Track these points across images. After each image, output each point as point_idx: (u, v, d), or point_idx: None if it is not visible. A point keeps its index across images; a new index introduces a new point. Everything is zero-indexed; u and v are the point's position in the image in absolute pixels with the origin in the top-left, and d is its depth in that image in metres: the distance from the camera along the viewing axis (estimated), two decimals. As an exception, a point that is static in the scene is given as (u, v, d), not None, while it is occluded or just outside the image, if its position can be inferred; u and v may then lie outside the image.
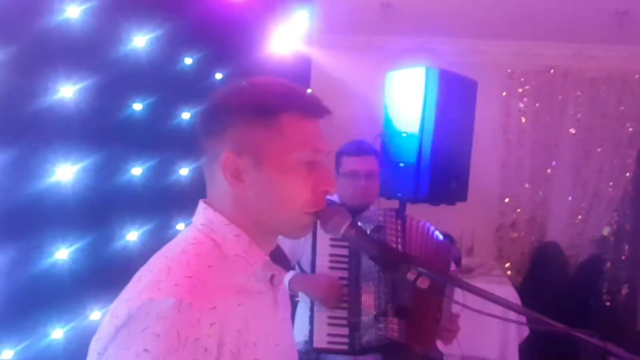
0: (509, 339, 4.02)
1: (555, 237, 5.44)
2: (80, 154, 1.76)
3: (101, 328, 1.07)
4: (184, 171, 2.31)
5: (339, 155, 2.65)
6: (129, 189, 2.05)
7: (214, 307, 1.04)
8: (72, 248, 1.72)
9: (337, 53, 4.67)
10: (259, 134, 1.14)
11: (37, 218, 1.66)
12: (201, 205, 1.22)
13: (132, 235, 2.03)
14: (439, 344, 2.41)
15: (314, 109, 1.18)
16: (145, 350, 0.96)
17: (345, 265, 2.36)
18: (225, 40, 2.65)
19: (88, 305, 1.74)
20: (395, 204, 3.10)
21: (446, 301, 2.33)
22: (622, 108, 5.27)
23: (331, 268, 2.37)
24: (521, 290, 4.99)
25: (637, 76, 5.25)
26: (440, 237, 2.51)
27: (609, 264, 5.55)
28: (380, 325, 2.23)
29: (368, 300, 2.27)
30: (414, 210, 3.22)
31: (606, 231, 5.53)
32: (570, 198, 5.44)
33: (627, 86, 5.27)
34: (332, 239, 2.36)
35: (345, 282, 2.34)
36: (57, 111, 1.68)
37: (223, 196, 1.19)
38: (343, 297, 2.32)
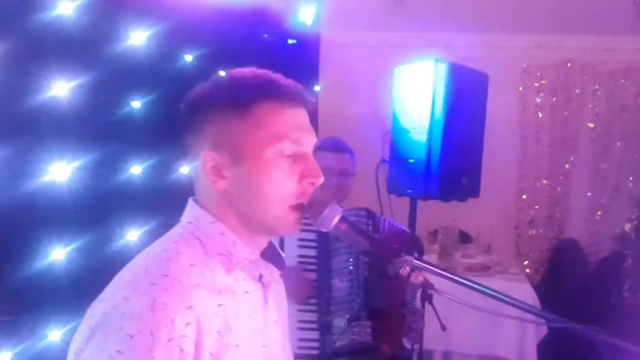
0: (527, 337, 3.95)
1: (575, 234, 5.34)
2: (76, 153, 1.74)
3: (79, 328, 1.03)
4: (185, 169, 2.28)
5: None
6: (129, 188, 2.02)
7: (191, 307, 1.00)
8: (69, 248, 1.69)
9: (347, 49, 4.64)
10: (236, 128, 1.10)
11: (32, 218, 1.63)
12: (190, 202, 1.19)
13: (133, 235, 2.01)
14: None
15: (293, 98, 1.13)
16: (119, 351, 0.93)
17: (314, 267, 2.29)
18: (229, 36, 2.62)
19: (86, 307, 1.71)
20: (406, 201, 3.06)
21: (410, 297, 2.34)
22: (641, 101, 5.15)
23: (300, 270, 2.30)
24: (540, 288, 4.90)
25: (656, 68, 5.12)
26: (405, 229, 2.54)
27: (630, 261, 5.42)
28: (354, 329, 2.17)
29: (340, 302, 2.21)
30: (429, 208, 3.16)
31: (627, 227, 5.40)
32: (589, 194, 5.33)
33: (646, 78, 5.15)
34: (299, 239, 2.28)
35: (314, 284, 2.26)
36: (51, 109, 1.66)
37: (208, 194, 1.15)
38: (311, 299, 2.25)
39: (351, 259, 2.23)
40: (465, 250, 4.83)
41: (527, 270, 5.35)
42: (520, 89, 5.40)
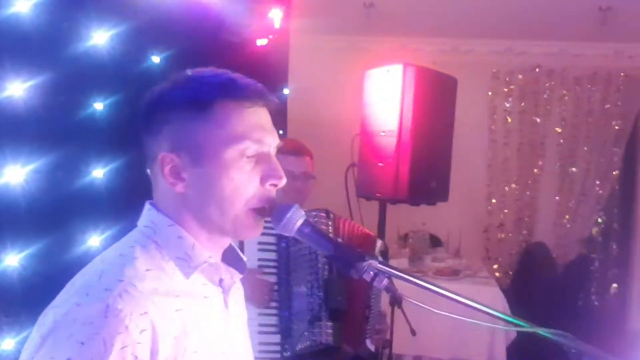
0: (497, 341, 3.96)
1: (543, 237, 5.40)
2: (32, 155, 1.68)
3: (30, 337, 0.99)
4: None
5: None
6: (90, 192, 1.96)
7: (146, 313, 0.97)
8: (23, 254, 1.63)
9: (317, 52, 4.61)
10: (195, 128, 1.06)
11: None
12: (147, 206, 1.15)
13: (94, 240, 1.95)
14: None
15: (254, 97, 1.09)
16: (69, 359, 0.89)
17: (274, 270, 2.27)
18: (197, 37, 2.57)
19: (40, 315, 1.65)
20: (375, 204, 3.04)
21: (374, 299, 2.30)
22: (607, 106, 5.24)
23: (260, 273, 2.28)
24: (509, 292, 4.94)
25: (622, 74, 5.21)
26: (367, 231, 2.46)
27: (597, 264, 5.50)
28: (315, 330, 2.15)
29: (300, 305, 2.19)
30: (400, 212, 3.15)
31: (594, 230, 5.49)
32: (557, 198, 5.40)
33: (612, 84, 5.24)
34: (260, 242, 2.27)
35: (275, 287, 2.24)
36: (6, 110, 1.60)
37: (166, 196, 1.11)
38: (272, 302, 2.23)
39: (310, 261, 2.22)
40: (435, 254, 4.84)
41: (497, 274, 5.39)
42: (490, 93, 5.45)
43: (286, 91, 3.77)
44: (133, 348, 0.93)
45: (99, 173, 2.01)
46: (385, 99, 2.82)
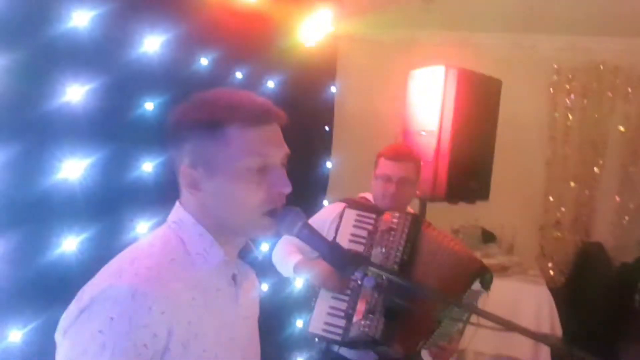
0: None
1: (601, 237, 5.27)
2: (88, 151, 1.89)
3: (68, 309, 1.17)
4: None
5: (378, 156, 2.66)
6: (140, 184, 2.17)
7: (167, 297, 1.14)
8: (81, 238, 1.85)
9: (365, 48, 4.62)
10: (209, 147, 1.23)
11: (45, 212, 1.79)
12: (176, 204, 1.33)
13: (142, 228, 2.16)
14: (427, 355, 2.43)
15: (260, 117, 1.24)
16: (100, 331, 1.07)
17: (361, 248, 2.40)
18: (245, 38, 2.73)
19: (48, 307, 1.81)
20: (414, 202, 3.13)
21: (449, 320, 2.29)
22: (675, 106, 5.04)
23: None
24: (563, 291, 4.90)
25: (690, 72, 5.00)
26: (463, 253, 2.42)
27: (655, 267, 5.34)
28: (367, 322, 2.27)
29: (365, 296, 2.31)
30: (452, 206, 3.18)
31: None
32: (617, 198, 5.26)
33: (680, 83, 5.03)
34: (357, 217, 2.44)
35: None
36: (65, 111, 1.81)
37: (189, 200, 1.29)
38: (347, 289, 2.36)
39: (383, 258, 2.33)
40: (487, 250, 4.84)
41: (551, 272, 5.31)
42: (551, 90, 5.35)
43: (333, 89, 3.89)
44: (153, 327, 1.10)
45: (148, 167, 2.22)
46: (427, 100, 2.91)
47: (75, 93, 1.82)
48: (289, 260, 2.51)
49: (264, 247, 2.84)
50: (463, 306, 1.38)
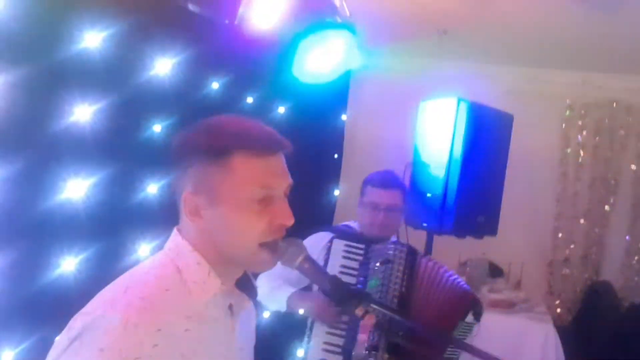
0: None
1: (610, 276, 5.19)
2: (93, 172, 1.88)
3: (58, 339, 1.15)
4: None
5: (365, 183, 2.63)
6: (144, 206, 2.15)
7: (160, 330, 1.11)
8: (80, 258, 1.83)
9: (379, 79, 4.62)
10: (213, 175, 1.21)
11: (46, 231, 1.78)
12: (174, 231, 1.30)
13: (144, 250, 2.14)
14: None
15: (265, 147, 1.22)
16: None
17: (353, 280, 2.35)
18: (256, 63, 2.73)
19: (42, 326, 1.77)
20: (422, 234, 3.10)
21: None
22: (688, 146, 5.00)
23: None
24: (570, 330, 4.81)
25: None
26: (458, 285, 2.41)
27: (664, 310, 5.24)
28: (371, 359, 2.22)
29: (365, 332, 2.26)
30: (460, 240, 3.12)
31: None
32: (627, 237, 5.19)
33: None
34: (345, 247, 2.39)
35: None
36: (71, 131, 1.80)
37: (189, 227, 1.26)
38: (341, 323, 2.31)
39: (381, 292, 2.28)
40: (493, 285, 4.78)
41: (558, 310, 5.23)
42: (563, 126, 5.33)
43: (344, 117, 3.88)
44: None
45: (153, 189, 2.21)
46: (437, 132, 2.89)
47: (83, 113, 1.82)
48: (280, 294, 2.45)
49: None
50: (464, 347, 1.33)
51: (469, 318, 2.35)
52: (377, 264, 2.33)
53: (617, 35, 4.31)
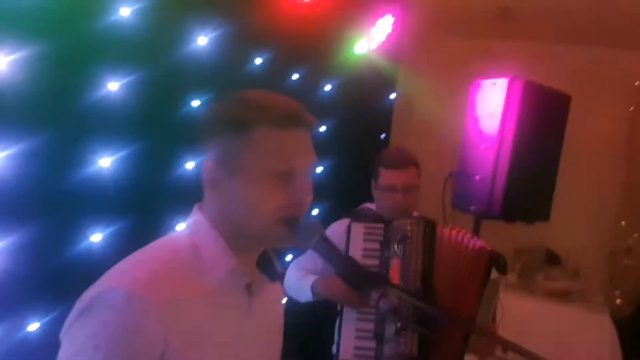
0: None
1: (675, 268, 4.93)
2: (128, 147, 1.87)
3: (73, 309, 1.14)
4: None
5: (376, 165, 2.49)
6: (180, 182, 2.14)
7: (166, 304, 1.08)
8: (107, 232, 1.83)
9: (432, 57, 4.48)
10: (233, 146, 1.17)
11: (77, 202, 1.78)
12: (194, 208, 1.27)
13: (176, 227, 2.13)
14: None
15: (289, 120, 1.18)
16: (95, 334, 1.04)
17: (376, 262, 2.30)
18: (304, 38, 2.66)
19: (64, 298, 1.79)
20: (469, 219, 2.98)
21: (483, 345, 2.14)
22: None
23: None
24: (629, 324, 4.60)
25: None
26: (476, 244, 2.33)
27: None
28: (401, 340, 2.15)
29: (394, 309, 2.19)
30: (516, 225, 2.98)
31: None
32: (697, 227, 4.90)
33: None
34: (365, 230, 2.33)
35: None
36: (102, 105, 1.80)
37: (210, 203, 1.24)
38: (371, 306, 2.24)
39: (404, 266, 2.23)
40: (549, 272, 4.62)
41: (618, 301, 5.01)
42: (631, 108, 5.05)
43: (392, 96, 3.78)
44: (148, 334, 1.05)
45: (190, 166, 2.19)
46: (489, 111, 2.76)
47: (120, 87, 1.81)
48: (305, 284, 2.41)
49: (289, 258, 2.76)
50: (505, 344, 1.25)
51: (493, 274, 2.28)
52: (396, 243, 2.25)
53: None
